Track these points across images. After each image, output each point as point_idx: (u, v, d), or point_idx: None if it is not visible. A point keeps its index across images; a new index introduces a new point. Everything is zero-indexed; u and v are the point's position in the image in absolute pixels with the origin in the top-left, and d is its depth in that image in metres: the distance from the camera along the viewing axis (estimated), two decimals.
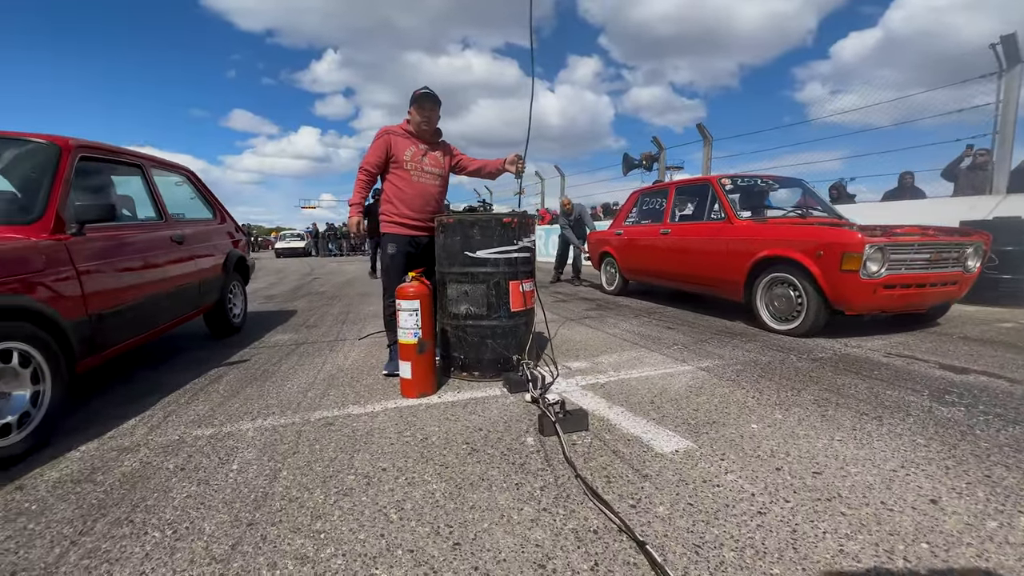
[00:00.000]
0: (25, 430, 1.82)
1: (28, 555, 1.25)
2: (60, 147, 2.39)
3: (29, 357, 1.87)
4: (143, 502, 1.49)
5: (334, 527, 1.36)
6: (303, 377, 2.81)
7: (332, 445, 1.89)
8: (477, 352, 2.66)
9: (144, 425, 2.11)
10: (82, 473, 1.69)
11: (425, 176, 2.82)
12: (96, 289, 2.30)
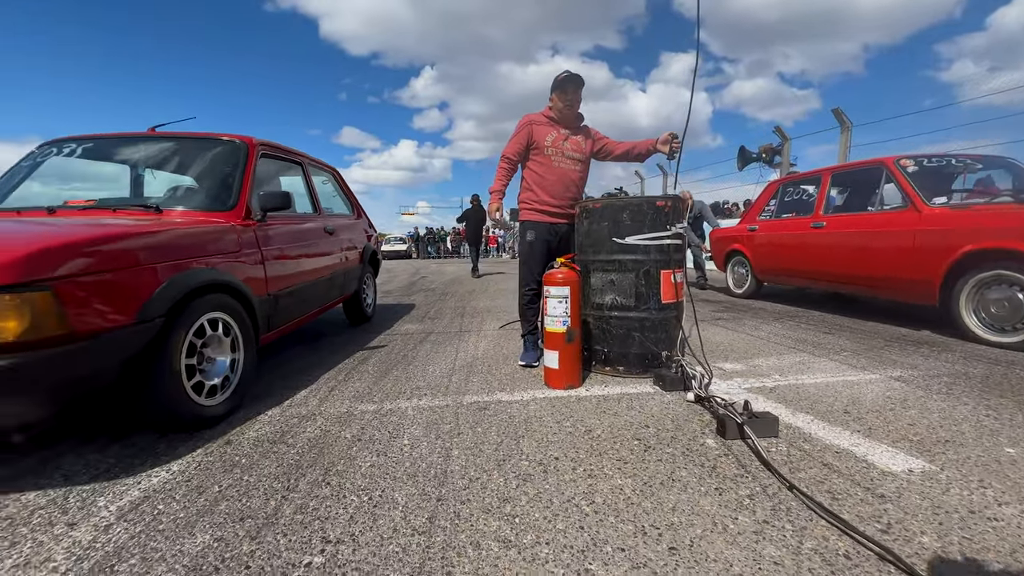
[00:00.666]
0: (226, 392, 2.02)
1: (250, 504, 1.33)
2: (248, 144, 2.68)
3: (229, 327, 2.08)
4: (333, 467, 1.54)
5: (526, 512, 1.27)
6: (442, 363, 2.85)
7: (494, 429, 1.84)
8: (623, 345, 2.49)
9: (314, 397, 2.25)
10: (275, 435, 1.81)
11: (566, 161, 2.73)
12: (274, 270, 2.53)
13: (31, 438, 1.82)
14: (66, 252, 1.44)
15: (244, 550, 1.13)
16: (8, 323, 1.28)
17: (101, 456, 1.64)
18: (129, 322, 1.57)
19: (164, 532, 1.21)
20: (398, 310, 5.16)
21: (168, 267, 1.77)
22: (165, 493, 1.40)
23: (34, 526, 1.24)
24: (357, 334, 3.81)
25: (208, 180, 2.57)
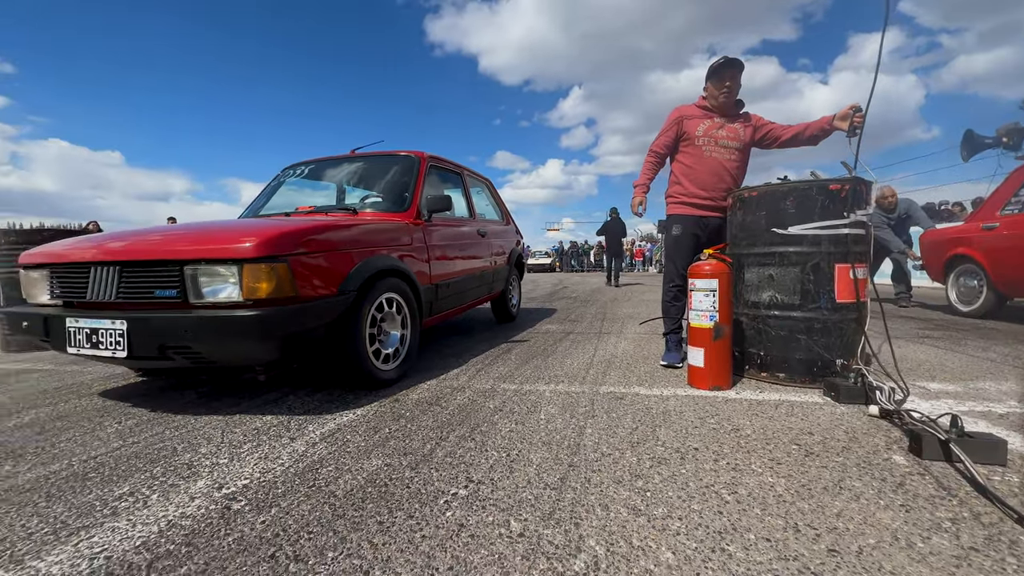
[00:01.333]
0: (397, 361, 2.40)
1: (411, 444, 1.57)
2: (420, 157, 3.15)
3: (401, 307, 2.46)
4: (478, 428, 1.71)
5: (658, 489, 1.24)
6: (580, 358, 2.90)
7: (629, 416, 1.81)
8: (784, 349, 2.20)
9: (465, 375, 2.51)
10: (432, 399, 2.08)
11: (719, 150, 2.56)
12: (436, 263, 2.91)
13: (270, 379, 2.41)
14: (296, 236, 1.91)
15: (406, 475, 1.34)
16: (261, 284, 1.75)
17: (310, 399, 2.10)
18: (333, 293, 1.99)
19: (350, 453, 1.50)
20: (540, 313, 5.37)
21: (360, 253, 2.20)
22: (351, 428, 1.73)
23: (271, 436, 1.66)
24: (502, 330, 4.10)
25: (390, 187, 3.10)
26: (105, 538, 1.06)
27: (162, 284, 1.82)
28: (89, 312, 1.88)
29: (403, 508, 1.17)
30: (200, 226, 2.23)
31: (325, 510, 1.16)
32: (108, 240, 2.03)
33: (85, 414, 1.96)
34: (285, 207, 3.04)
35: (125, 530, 1.09)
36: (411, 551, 1.00)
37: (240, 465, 1.43)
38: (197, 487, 1.29)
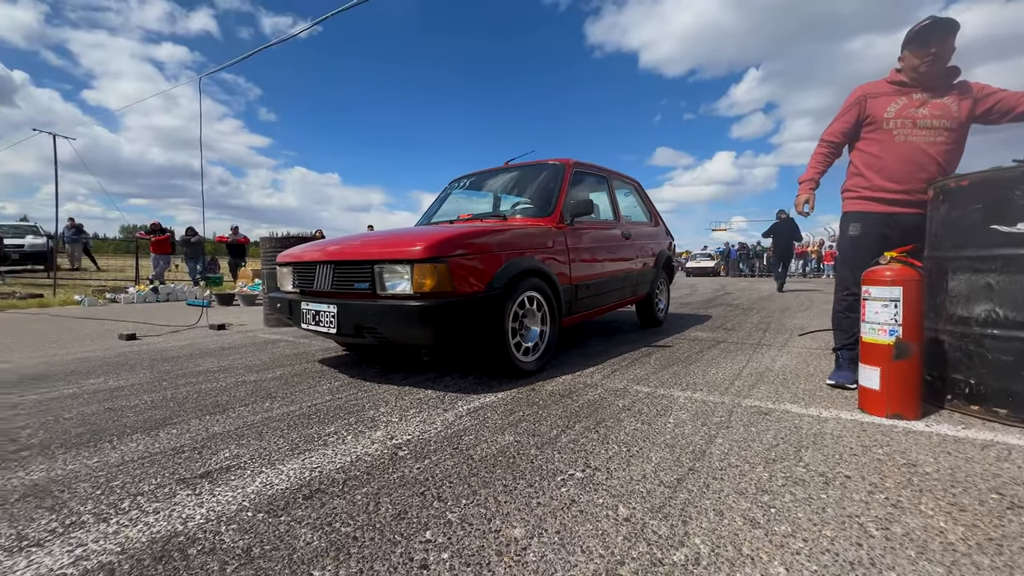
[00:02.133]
0: (536, 354, 2.61)
1: (539, 428, 1.73)
2: (565, 165, 3.32)
3: (541, 305, 2.66)
4: (604, 422, 1.79)
5: (786, 508, 1.16)
6: (727, 368, 2.70)
7: (771, 433, 1.67)
8: (1007, 378, 1.74)
9: (599, 373, 2.59)
10: (564, 391, 2.22)
11: (918, 133, 2.12)
12: (577, 265, 3.05)
13: (431, 361, 2.86)
14: (454, 241, 2.25)
15: (531, 452, 1.51)
16: (427, 280, 2.13)
17: (462, 381, 2.44)
18: (482, 290, 2.29)
19: (488, 427, 1.74)
20: (691, 319, 5.06)
21: (507, 255, 2.47)
22: (491, 408, 1.98)
23: (429, 406, 2.02)
24: (646, 335, 4.02)
25: (536, 195, 3.34)
26: (318, 460, 1.47)
27: (359, 279, 2.35)
28: (315, 298, 2.53)
29: (525, 478, 1.33)
30: (385, 233, 2.79)
31: (463, 468, 1.40)
32: (327, 245, 2.69)
33: (310, 374, 2.64)
34: (451, 215, 3.53)
35: (331, 456, 1.49)
36: (526, 512, 1.15)
37: (406, 424, 1.79)
38: (375, 436, 1.67)
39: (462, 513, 1.15)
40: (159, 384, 2.42)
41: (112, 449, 1.57)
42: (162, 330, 4.34)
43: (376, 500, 1.22)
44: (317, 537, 1.05)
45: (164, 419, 1.87)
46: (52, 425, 1.81)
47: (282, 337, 3.96)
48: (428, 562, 0.97)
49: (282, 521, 1.12)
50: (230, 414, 1.93)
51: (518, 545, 1.02)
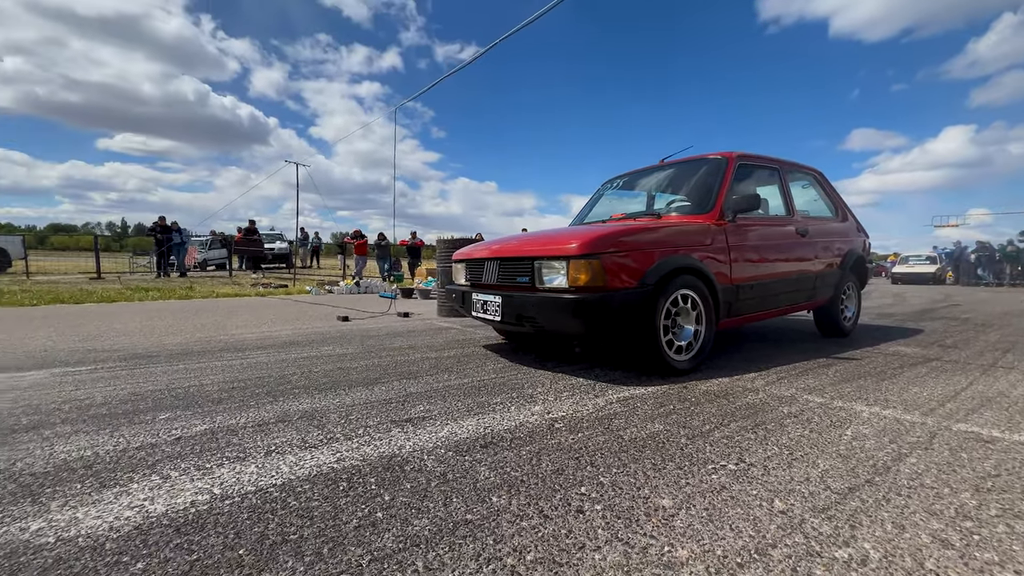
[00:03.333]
0: (689, 353, 2.56)
1: (691, 421, 1.75)
2: (727, 158, 3.14)
3: (696, 304, 2.60)
4: (763, 425, 1.71)
5: (995, 537, 1.00)
6: (936, 388, 2.25)
7: (990, 462, 1.39)
8: None
9: (762, 379, 2.41)
10: (721, 392, 2.15)
11: None
12: (738, 264, 2.87)
13: (583, 353, 3.02)
14: (607, 239, 2.37)
15: (682, 441, 1.55)
16: (581, 275, 2.29)
17: (612, 373, 2.54)
18: (633, 285, 2.36)
19: (637, 415, 1.82)
20: (892, 332, 4.24)
21: (660, 252, 2.48)
22: (640, 399, 2.05)
23: (581, 391, 2.18)
24: (826, 344, 3.53)
25: (693, 191, 3.24)
26: (488, 421, 1.75)
27: (521, 273, 2.64)
28: (483, 290, 2.92)
29: (674, 461, 1.39)
30: (542, 233, 3.04)
31: (613, 444, 1.52)
32: (492, 245, 3.07)
33: (477, 356, 3.04)
34: (603, 215, 3.64)
35: (499, 420, 1.76)
36: (674, 489, 1.22)
37: (560, 403, 1.98)
38: (534, 409, 1.90)
39: (613, 479, 1.28)
40: (368, 354, 3.08)
41: (346, 395, 2.10)
42: (364, 315, 5.40)
43: (538, 457, 1.42)
44: (493, 475, 1.30)
45: (375, 379, 2.41)
46: (308, 375, 2.48)
47: (452, 325, 4.58)
48: (583, 508, 1.12)
49: (466, 459, 1.40)
50: (420, 380, 2.38)
51: (665, 512, 1.10)
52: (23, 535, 1.02)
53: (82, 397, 2.06)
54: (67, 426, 1.70)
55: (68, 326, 4.22)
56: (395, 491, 1.21)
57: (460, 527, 1.05)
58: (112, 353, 3.04)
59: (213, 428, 1.68)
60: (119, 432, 1.64)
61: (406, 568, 0.91)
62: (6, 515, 1.10)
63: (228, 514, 1.10)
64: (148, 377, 2.42)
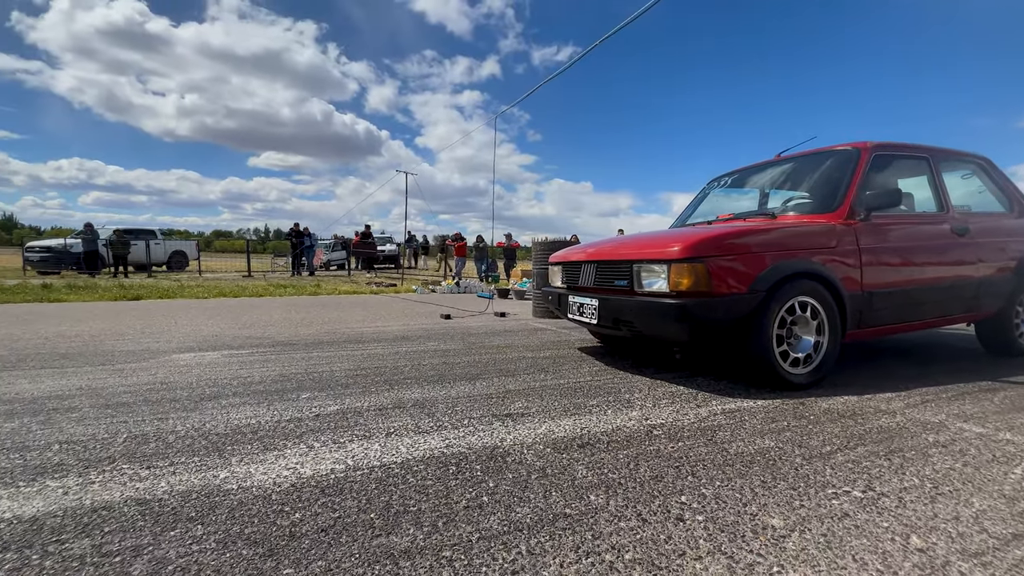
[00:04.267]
0: (808, 367, 2.33)
1: (807, 441, 1.60)
2: (859, 150, 2.78)
3: (817, 313, 2.35)
4: (900, 452, 1.51)
5: None
6: None
7: None
8: None
9: (900, 401, 2.11)
10: (846, 412, 1.94)
11: None
12: (872, 268, 2.54)
13: (683, 360, 2.90)
14: (713, 242, 2.25)
15: (796, 461, 1.44)
16: (683, 279, 2.21)
17: (716, 383, 2.41)
18: (742, 291, 2.21)
19: (745, 429, 1.72)
20: None
21: (773, 256, 2.30)
22: (749, 412, 1.92)
23: (682, 400, 2.10)
24: (991, 365, 2.96)
25: (816, 188, 2.93)
26: (585, 422, 1.78)
27: (619, 276, 2.62)
28: (579, 293, 2.94)
29: (786, 480, 1.30)
30: (642, 236, 2.97)
31: (717, 457, 1.46)
32: (588, 248, 3.07)
33: (572, 358, 3.07)
34: (709, 215, 3.45)
35: (595, 422, 1.78)
36: (787, 510, 1.15)
37: (659, 411, 1.94)
38: (631, 414, 1.88)
39: (716, 491, 1.24)
40: (469, 351, 3.27)
41: (451, 388, 2.28)
42: (464, 314, 5.71)
43: (636, 461, 1.42)
44: (591, 474, 1.33)
45: (477, 374, 2.56)
46: (418, 368, 2.73)
47: (547, 327, 4.66)
48: (683, 517, 1.11)
49: (564, 457, 1.45)
50: (517, 378, 2.48)
51: (775, 532, 1.05)
52: (215, 480, 1.29)
53: (245, 376, 2.49)
54: (236, 398, 2.08)
55: (230, 315, 5.09)
56: (498, 479, 1.30)
57: (559, 519, 1.10)
58: (263, 340, 3.61)
59: (343, 409, 1.93)
60: (273, 406, 1.96)
61: (511, 549, 0.98)
62: (204, 464, 1.39)
63: (360, 483, 1.28)
64: (291, 362, 2.84)
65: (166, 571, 0.91)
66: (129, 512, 1.12)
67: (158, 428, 1.70)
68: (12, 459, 1.43)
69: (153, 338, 3.64)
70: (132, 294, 7.26)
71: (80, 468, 1.37)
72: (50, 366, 2.68)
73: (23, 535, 1.03)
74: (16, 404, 1.98)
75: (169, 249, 16.08)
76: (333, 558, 0.95)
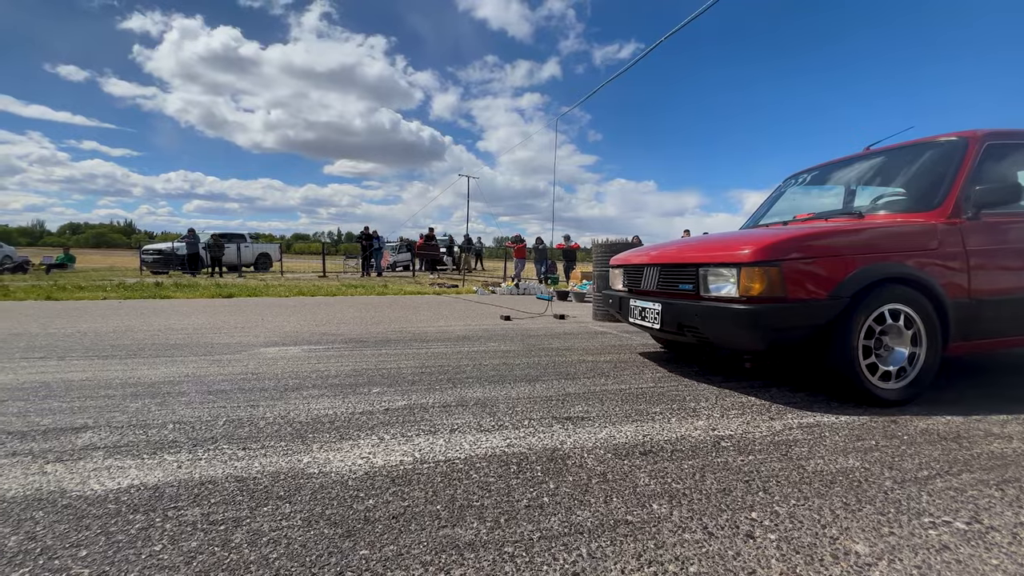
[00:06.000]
0: (901, 381, 2.11)
1: (899, 463, 1.46)
2: (967, 139, 2.48)
3: (912, 322, 2.13)
4: (1015, 482, 1.34)
5: None
6: None
7: None
8: None
9: (1018, 424, 1.86)
10: (948, 433, 1.74)
11: None
12: (981, 272, 2.25)
13: (754, 369, 2.74)
14: (788, 244, 2.11)
15: (885, 484, 1.32)
16: (755, 284, 2.09)
17: (792, 395, 2.26)
18: (822, 297, 2.05)
19: (825, 446, 1.60)
20: None
21: (860, 259, 2.11)
22: (830, 428, 1.78)
23: (753, 411, 1.99)
24: None
25: (913, 183, 2.65)
26: (648, 429, 1.74)
27: (684, 280, 2.52)
28: (642, 296, 2.87)
29: (873, 504, 1.20)
30: (708, 238, 2.84)
31: (793, 474, 1.37)
32: (651, 250, 2.99)
33: (634, 363, 3.01)
34: (785, 214, 3.23)
35: (658, 429, 1.74)
36: (873, 536, 1.06)
37: (728, 421, 1.85)
38: (697, 424, 1.82)
39: (790, 510, 1.17)
40: (529, 352, 3.30)
41: (512, 388, 2.32)
42: (524, 315, 5.76)
43: (701, 473, 1.38)
44: (653, 483, 1.31)
45: (536, 376, 2.59)
46: (479, 367, 2.80)
47: (608, 330, 4.58)
48: (754, 534, 1.06)
49: (625, 464, 1.44)
50: (577, 382, 2.47)
51: (860, 559, 0.97)
52: (299, 464, 1.42)
53: (322, 369, 2.70)
54: (316, 390, 2.26)
55: (308, 313, 5.51)
56: (559, 481, 1.31)
57: (621, 525, 1.09)
58: (337, 337, 3.88)
59: (410, 404, 2.04)
60: (347, 399, 2.11)
61: (571, 551, 1.00)
62: (289, 449, 1.54)
63: (427, 476, 1.35)
64: (362, 358, 3.03)
65: (261, 542, 1.02)
66: (229, 488, 1.27)
67: (250, 414, 1.89)
68: (137, 434, 1.66)
69: (244, 333, 4.03)
70: (226, 292, 8.06)
71: (190, 446, 1.56)
72: (163, 355, 3.06)
73: (148, 500, 1.20)
74: (139, 387, 2.29)
75: (256, 251, 17.67)
76: (404, 544, 1.02)
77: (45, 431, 1.69)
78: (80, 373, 2.57)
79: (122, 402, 2.05)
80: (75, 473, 1.35)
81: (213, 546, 1.01)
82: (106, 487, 1.27)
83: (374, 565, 0.95)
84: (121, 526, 1.08)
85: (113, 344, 3.42)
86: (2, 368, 2.68)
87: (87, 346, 3.34)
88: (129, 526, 1.08)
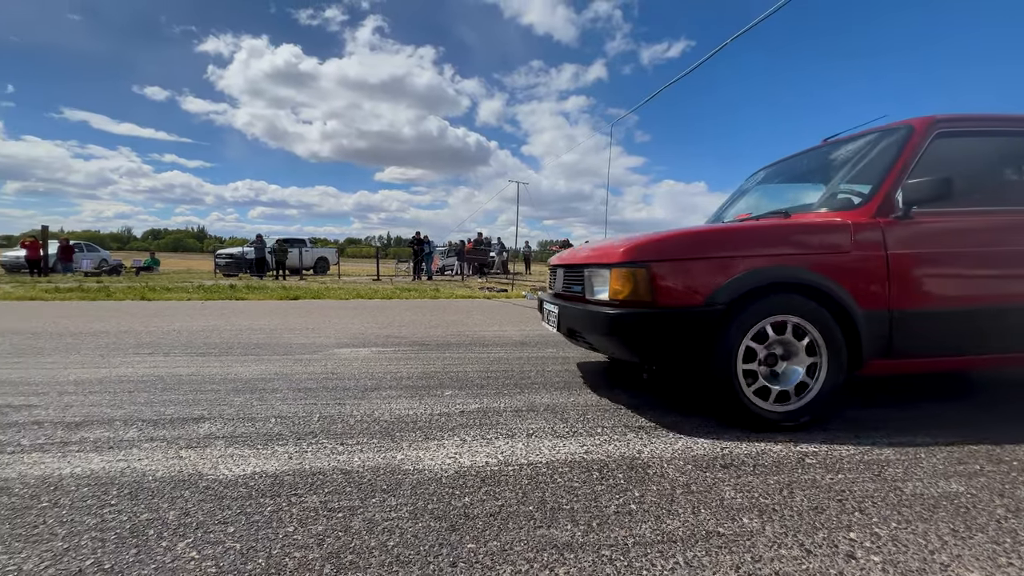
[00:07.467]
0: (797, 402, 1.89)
1: (1013, 491, 1.37)
2: (911, 126, 2.14)
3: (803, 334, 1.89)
4: None
5: None
6: None
7: None
8: None
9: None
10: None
11: None
12: (906, 279, 1.97)
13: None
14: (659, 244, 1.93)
15: (998, 512, 1.25)
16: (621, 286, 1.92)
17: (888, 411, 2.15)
18: (697, 304, 1.84)
19: (921, 467, 1.53)
20: None
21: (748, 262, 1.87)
22: (927, 450, 1.69)
23: (836, 429, 1.92)
24: None
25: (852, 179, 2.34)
26: (727, 441, 1.73)
27: (576, 282, 2.37)
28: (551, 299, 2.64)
29: (985, 533, 1.15)
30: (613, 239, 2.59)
31: (889, 495, 1.33)
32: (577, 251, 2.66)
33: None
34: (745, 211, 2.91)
35: (736, 443, 1.72)
36: (989, 564, 1.01)
37: (810, 436, 1.80)
38: (777, 438, 1.78)
39: (892, 533, 1.14)
40: (587, 357, 3.33)
41: (578, 395, 2.36)
42: None
43: (789, 489, 1.36)
44: (740, 496, 1.31)
45: (600, 384, 2.61)
46: (542, 373, 2.86)
47: None
48: (855, 554, 1.05)
49: (707, 476, 1.44)
50: (643, 391, 2.48)
51: None
52: (395, 461, 1.53)
53: (395, 371, 2.86)
54: (393, 391, 2.40)
55: (369, 315, 5.79)
56: (643, 490, 1.35)
57: (713, 536, 1.11)
58: (401, 339, 4.07)
59: (483, 408, 2.13)
60: (423, 401, 2.23)
61: (668, 558, 1.03)
62: (382, 446, 1.66)
63: (514, 478, 1.42)
64: (428, 361, 3.17)
65: (377, 530, 1.13)
66: (337, 479, 1.40)
67: (339, 412, 2.05)
68: (247, 427, 1.84)
69: (315, 334, 4.31)
70: (292, 294, 8.61)
71: (294, 439, 1.72)
72: (250, 354, 3.34)
73: (271, 487, 1.34)
74: (238, 383, 2.53)
75: (315, 255, 18.69)
76: (506, 540, 1.09)
77: (171, 420, 1.91)
78: (185, 368, 2.86)
79: (227, 396, 2.27)
80: (205, 459, 1.53)
81: (337, 531, 1.12)
82: (235, 472, 1.43)
83: (482, 558, 1.02)
84: (256, 508, 1.22)
85: (205, 342, 3.77)
86: (122, 363, 3.03)
87: (184, 343, 3.70)
88: (262, 508, 1.22)
